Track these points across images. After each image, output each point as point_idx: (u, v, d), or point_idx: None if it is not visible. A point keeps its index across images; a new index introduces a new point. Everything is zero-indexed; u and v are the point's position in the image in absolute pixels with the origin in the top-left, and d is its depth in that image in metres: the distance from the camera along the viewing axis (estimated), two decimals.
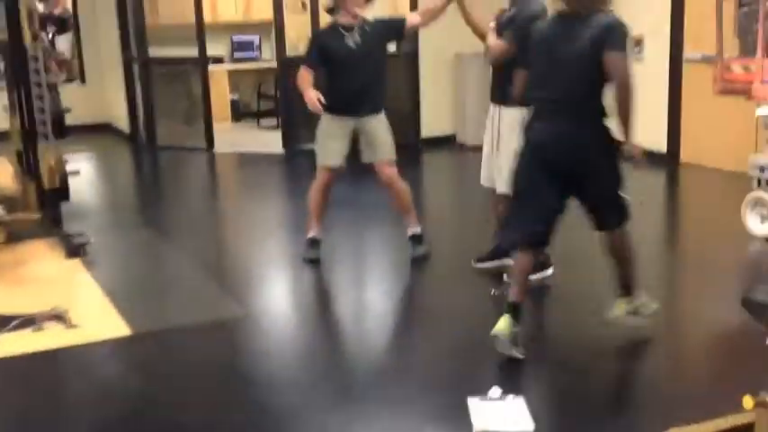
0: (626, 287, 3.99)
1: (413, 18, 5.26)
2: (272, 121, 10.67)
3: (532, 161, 3.78)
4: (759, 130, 6.29)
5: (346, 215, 6.70)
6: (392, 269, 5.42)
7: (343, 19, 5.10)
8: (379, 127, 5.18)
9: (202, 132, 9.65)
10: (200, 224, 6.64)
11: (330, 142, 5.19)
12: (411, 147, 8.84)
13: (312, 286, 5.19)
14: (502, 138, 4.72)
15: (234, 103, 11.60)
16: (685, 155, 7.71)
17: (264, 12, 10.51)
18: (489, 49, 4.67)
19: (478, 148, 5.18)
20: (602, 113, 3.66)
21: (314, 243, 5.41)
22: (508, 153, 4.65)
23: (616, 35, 3.58)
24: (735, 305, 4.41)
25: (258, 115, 11.33)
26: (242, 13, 11.57)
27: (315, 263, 5.34)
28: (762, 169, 5.49)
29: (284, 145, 9.37)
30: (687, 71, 7.65)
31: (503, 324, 3.72)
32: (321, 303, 4.85)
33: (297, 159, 9.13)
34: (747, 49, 5.75)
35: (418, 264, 5.31)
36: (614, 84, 3.54)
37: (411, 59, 9.14)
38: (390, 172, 5.23)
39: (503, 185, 4.76)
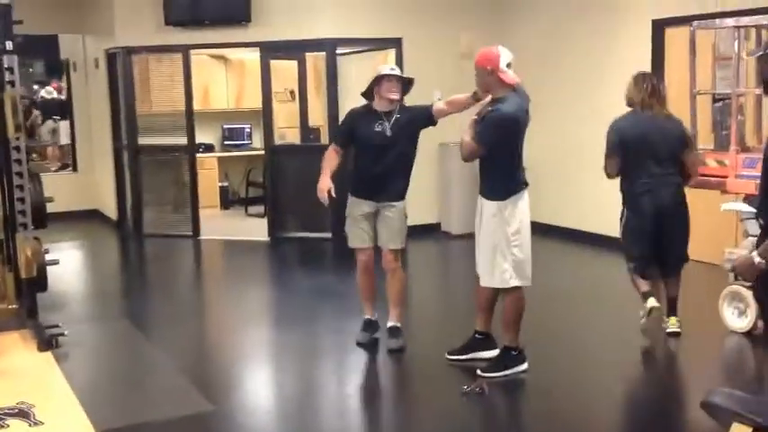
0: (675, 308, 5.47)
1: (439, 105, 5.21)
2: (260, 209, 10.70)
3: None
4: (733, 224, 6.32)
5: (328, 306, 6.68)
6: (369, 361, 5.35)
7: (378, 105, 5.19)
8: (394, 216, 5.24)
9: (189, 220, 9.69)
10: (179, 315, 6.58)
11: (356, 225, 5.29)
12: None
13: (287, 380, 5.12)
14: (481, 231, 4.73)
15: (223, 191, 11.67)
16: None
17: (255, 101, 10.67)
18: (462, 146, 4.71)
19: (462, 237, 5.23)
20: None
21: (368, 325, 5.45)
22: (485, 246, 4.67)
23: (691, 141, 5.48)
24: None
25: (246, 203, 11.38)
26: (234, 101, 11.76)
27: (364, 346, 5.36)
28: None
29: (270, 233, 9.39)
30: None
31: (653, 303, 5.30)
32: (296, 397, 4.77)
33: (281, 247, 9.14)
34: (721, 144, 5.81)
35: (395, 356, 5.27)
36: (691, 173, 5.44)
37: None
38: (393, 261, 5.28)
39: (484, 279, 4.74)
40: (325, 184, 5.18)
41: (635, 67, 7.80)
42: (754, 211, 3.57)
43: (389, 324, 5.36)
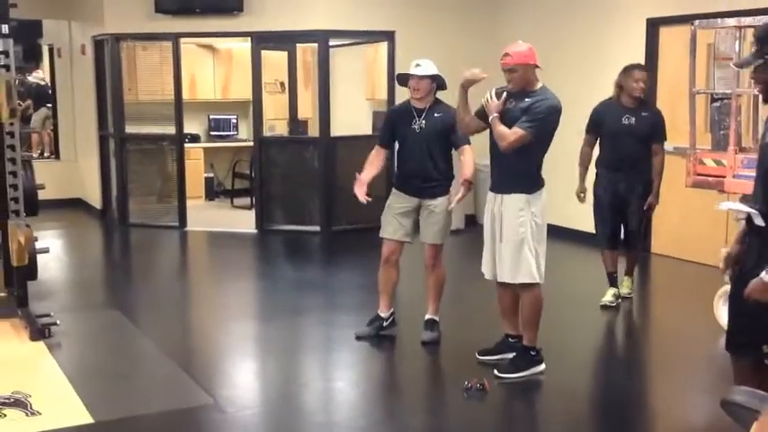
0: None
1: (463, 156, 5.14)
2: (246, 201, 10.63)
3: None
4: (729, 224, 6.34)
5: (318, 299, 6.63)
6: (367, 356, 5.31)
7: (413, 101, 5.24)
8: (433, 211, 5.23)
9: (175, 210, 9.59)
10: (168, 306, 6.51)
11: (390, 216, 5.31)
12: None
13: (282, 374, 5.06)
14: (503, 227, 4.60)
15: (208, 181, 11.56)
16: (656, 246, 7.73)
17: (242, 91, 10.61)
18: (502, 135, 4.54)
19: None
20: None
21: (373, 320, 5.45)
22: (511, 241, 4.57)
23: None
24: (704, 401, 4.40)
25: (232, 194, 11.29)
26: (220, 91, 11.66)
27: (362, 339, 5.39)
28: None
29: (257, 225, 9.32)
30: None
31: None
32: (290, 392, 4.72)
33: (269, 240, 9.08)
34: (719, 144, 5.83)
35: (391, 350, 5.29)
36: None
37: None
38: (431, 256, 5.30)
39: (505, 275, 4.64)
40: (361, 183, 5.23)
41: None
42: (754, 210, 3.39)
43: (426, 317, 5.38)
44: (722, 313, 5.52)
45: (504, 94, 4.62)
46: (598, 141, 6.23)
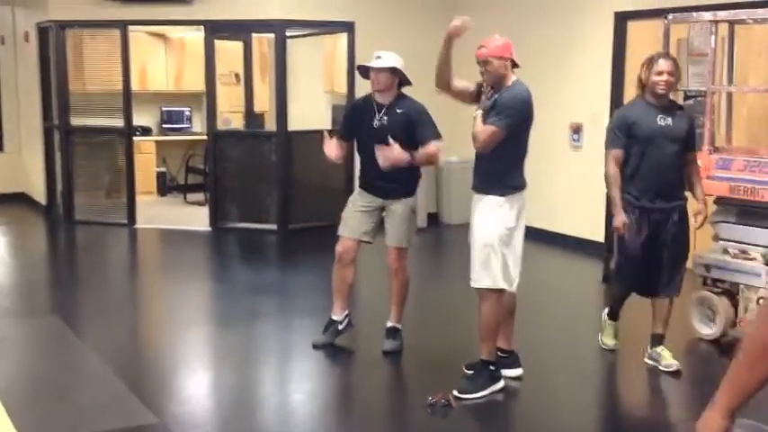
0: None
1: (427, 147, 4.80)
2: (200, 197, 10.22)
3: None
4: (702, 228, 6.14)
5: (274, 303, 6.32)
6: (325, 365, 5.02)
7: (375, 96, 4.93)
8: (397, 213, 4.94)
9: (124, 206, 9.16)
10: (114, 311, 6.10)
11: (350, 214, 5.02)
12: None
13: (236, 386, 4.72)
14: (474, 227, 4.36)
15: (160, 176, 11.13)
16: None
17: (196, 83, 10.22)
18: (477, 135, 4.26)
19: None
20: None
21: (328, 325, 5.13)
22: (479, 244, 4.33)
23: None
24: (680, 413, 4.21)
25: (185, 190, 10.87)
26: (173, 83, 11.23)
27: (318, 348, 5.08)
28: (707, 268, 5.30)
29: (211, 222, 8.94)
30: None
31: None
32: (245, 407, 4.40)
33: (224, 238, 8.73)
34: None
35: (350, 360, 5.01)
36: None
37: None
38: (395, 259, 5.00)
39: (476, 281, 4.36)
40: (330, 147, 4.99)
41: (596, 62, 7.66)
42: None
43: (388, 324, 5.08)
44: (696, 320, 5.32)
45: (489, 90, 4.35)
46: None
